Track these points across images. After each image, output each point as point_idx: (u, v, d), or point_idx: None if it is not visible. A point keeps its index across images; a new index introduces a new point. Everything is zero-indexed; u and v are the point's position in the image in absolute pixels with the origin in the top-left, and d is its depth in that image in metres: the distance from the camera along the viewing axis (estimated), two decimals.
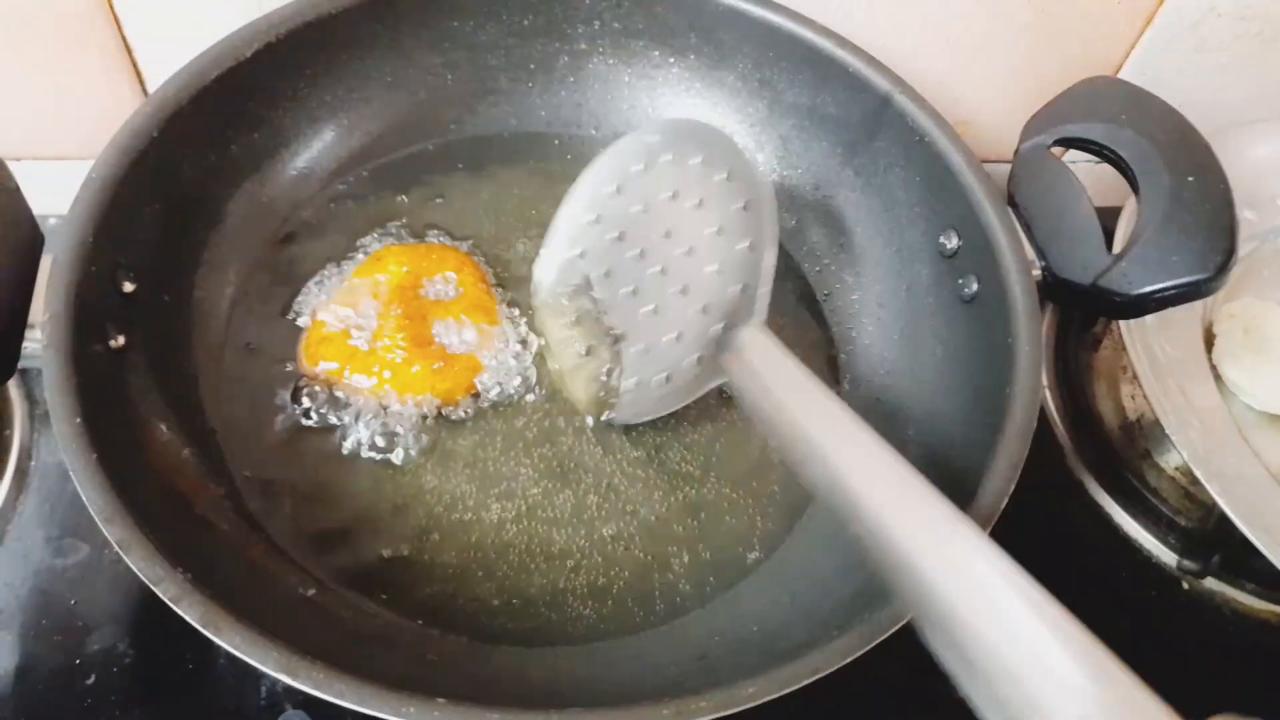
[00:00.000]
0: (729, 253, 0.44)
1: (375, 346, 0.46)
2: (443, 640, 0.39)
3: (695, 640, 0.41)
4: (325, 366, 0.46)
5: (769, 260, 0.43)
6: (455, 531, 0.44)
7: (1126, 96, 0.45)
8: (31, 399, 0.50)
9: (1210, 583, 0.52)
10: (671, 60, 0.54)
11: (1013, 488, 0.37)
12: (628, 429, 0.47)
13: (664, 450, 0.47)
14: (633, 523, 0.45)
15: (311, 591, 0.40)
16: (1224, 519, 0.51)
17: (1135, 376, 0.58)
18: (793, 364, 0.39)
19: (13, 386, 0.50)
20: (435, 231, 0.52)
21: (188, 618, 0.31)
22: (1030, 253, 0.44)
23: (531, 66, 0.54)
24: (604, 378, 0.45)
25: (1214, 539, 0.52)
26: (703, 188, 0.45)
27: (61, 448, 0.34)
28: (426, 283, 0.48)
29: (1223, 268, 0.40)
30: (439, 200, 0.53)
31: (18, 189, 0.39)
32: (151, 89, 0.55)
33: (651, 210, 0.46)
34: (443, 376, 0.46)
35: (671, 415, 0.48)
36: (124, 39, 0.53)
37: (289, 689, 0.43)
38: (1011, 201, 0.45)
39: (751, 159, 0.47)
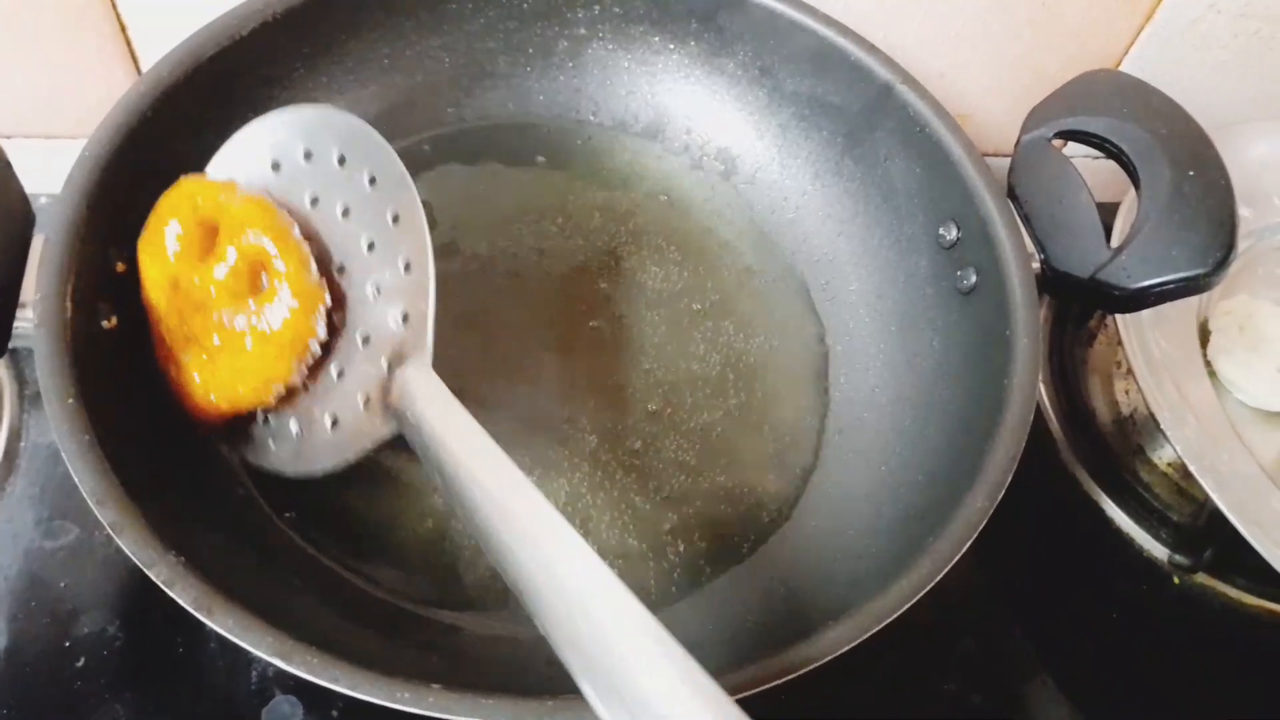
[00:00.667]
0: (384, 273, 0.37)
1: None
2: (439, 625, 0.39)
3: (690, 630, 0.40)
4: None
5: (428, 284, 0.36)
6: (449, 518, 0.43)
7: (1128, 90, 0.45)
8: (21, 379, 0.50)
9: (1202, 578, 0.53)
10: (671, 46, 0.53)
11: (1009, 478, 0.37)
12: (624, 413, 0.47)
13: (660, 439, 0.47)
14: (627, 512, 0.45)
15: (305, 574, 0.39)
16: (1216, 515, 0.51)
17: (1130, 372, 0.58)
18: (459, 413, 0.34)
19: (2, 367, 0.50)
20: None
21: (180, 601, 0.31)
22: (1030, 245, 0.44)
23: (530, 50, 0.53)
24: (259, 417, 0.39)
25: (1206, 535, 0.52)
26: (345, 193, 0.38)
27: (54, 428, 0.33)
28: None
29: (1222, 263, 0.40)
30: (434, 183, 0.52)
31: (8, 164, 0.38)
32: (145, 68, 0.54)
33: (299, 218, 0.39)
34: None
35: (666, 403, 0.48)
36: (118, 17, 0.52)
37: (280, 674, 0.43)
38: (1012, 194, 0.45)
39: (391, 157, 0.38)
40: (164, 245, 0.38)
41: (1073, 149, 0.48)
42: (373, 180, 0.37)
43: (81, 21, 0.52)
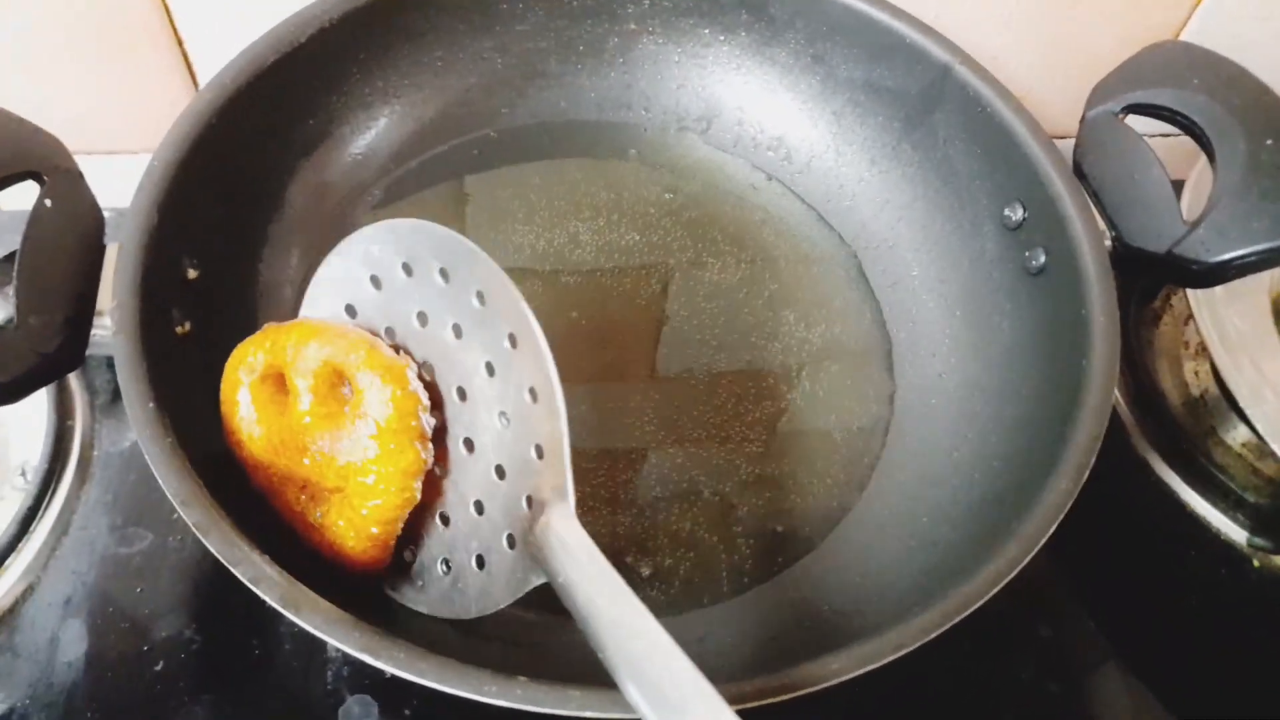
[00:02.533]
0: (508, 400, 0.34)
1: None
2: (513, 617, 0.39)
3: (764, 621, 0.40)
4: None
5: (559, 416, 0.32)
6: None
7: (1197, 60, 0.44)
8: (92, 390, 0.51)
9: None
10: (722, 38, 0.53)
11: (1094, 459, 0.37)
12: (689, 406, 0.47)
13: (725, 431, 0.47)
14: (696, 503, 0.45)
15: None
16: None
17: (1198, 353, 0.57)
18: (606, 576, 0.31)
19: (74, 378, 0.51)
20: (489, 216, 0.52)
21: (267, 599, 0.31)
22: (1100, 222, 0.43)
23: (581, 48, 0.53)
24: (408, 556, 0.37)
25: None
26: (454, 311, 0.34)
27: (136, 433, 0.34)
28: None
29: None
30: (489, 183, 0.53)
31: (79, 173, 0.39)
32: (202, 81, 0.55)
33: (406, 336, 0.36)
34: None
35: (730, 395, 0.48)
36: (175, 32, 0.53)
37: (354, 674, 0.43)
38: (1079, 171, 0.44)
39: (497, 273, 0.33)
40: (243, 417, 0.37)
41: (1135, 127, 0.47)
42: (481, 297, 0.33)
43: (139, 38, 0.53)
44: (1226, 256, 0.40)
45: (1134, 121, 0.45)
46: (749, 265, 0.52)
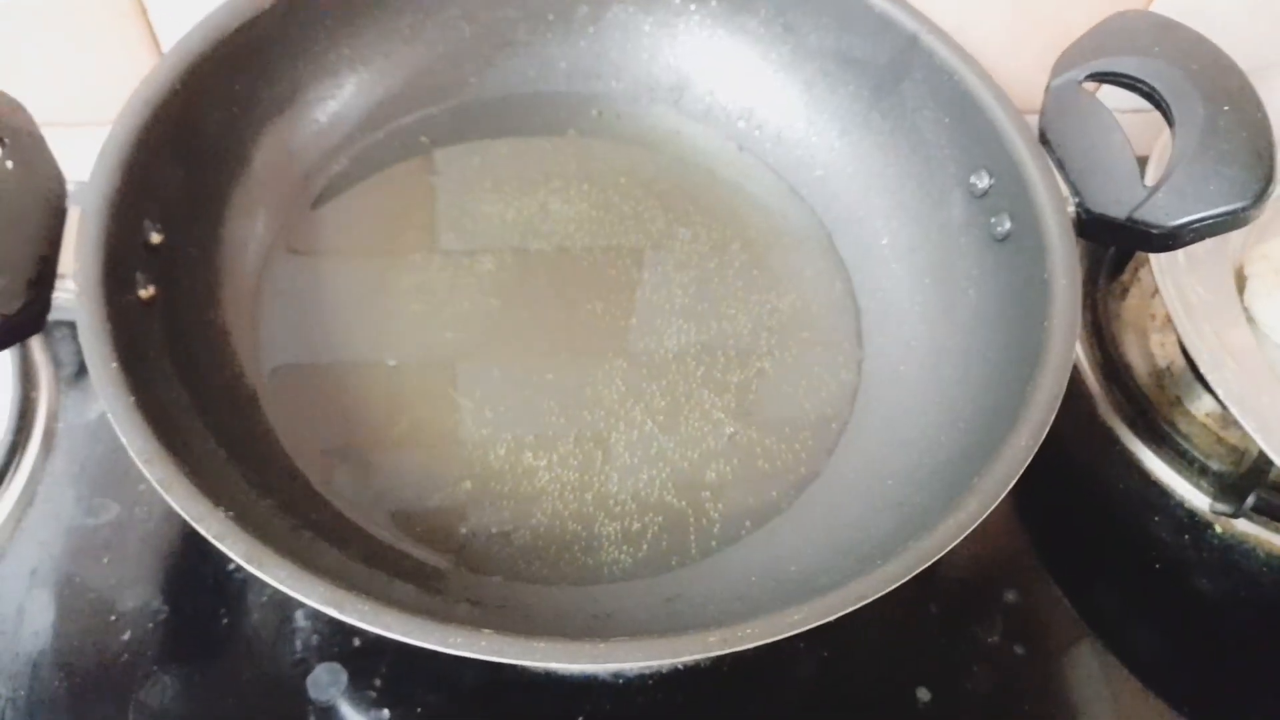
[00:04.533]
0: None
1: None
2: (479, 580, 0.39)
3: (732, 582, 0.41)
4: None
5: None
6: (489, 479, 0.44)
7: (1158, 28, 0.44)
8: (58, 361, 0.50)
9: (1243, 524, 0.52)
10: (693, 7, 0.53)
11: (1053, 416, 0.37)
12: (659, 374, 0.47)
13: (694, 396, 0.47)
14: (665, 469, 0.45)
15: (347, 538, 0.39)
16: (1257, 462, 0.51)
17: (1165, 324, 0.58)
18: None
19: (38, 349, 0.50)
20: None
21: (231, 554, 0.31)
22: (1064, 189, 0.43)
23: (550, 17, 0.53)
24: None
25: (1246, 482, 0.52)
26: None
27: (99, 392, 0.33)
28: None
29: (1261, 195, 0.40)
30: (459, 154, 0.53)
31: (40, 136, 0.39)
32: (165, 49, 0.54)
33: None
34: None
35: (699, 363, 0.48)
36: (140, 1, 0.52)
37: (323, 643, 0.43)
38: (1044, 139, 0.45)
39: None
40: None
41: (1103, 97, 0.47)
42: None
43: (103, 7, 0.52)
44: (1184, 220, 0.41)
45: (1103, 96, 0.46)
46: (720, 235, 0.52)
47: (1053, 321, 0.39)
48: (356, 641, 0.43)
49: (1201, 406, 0.55)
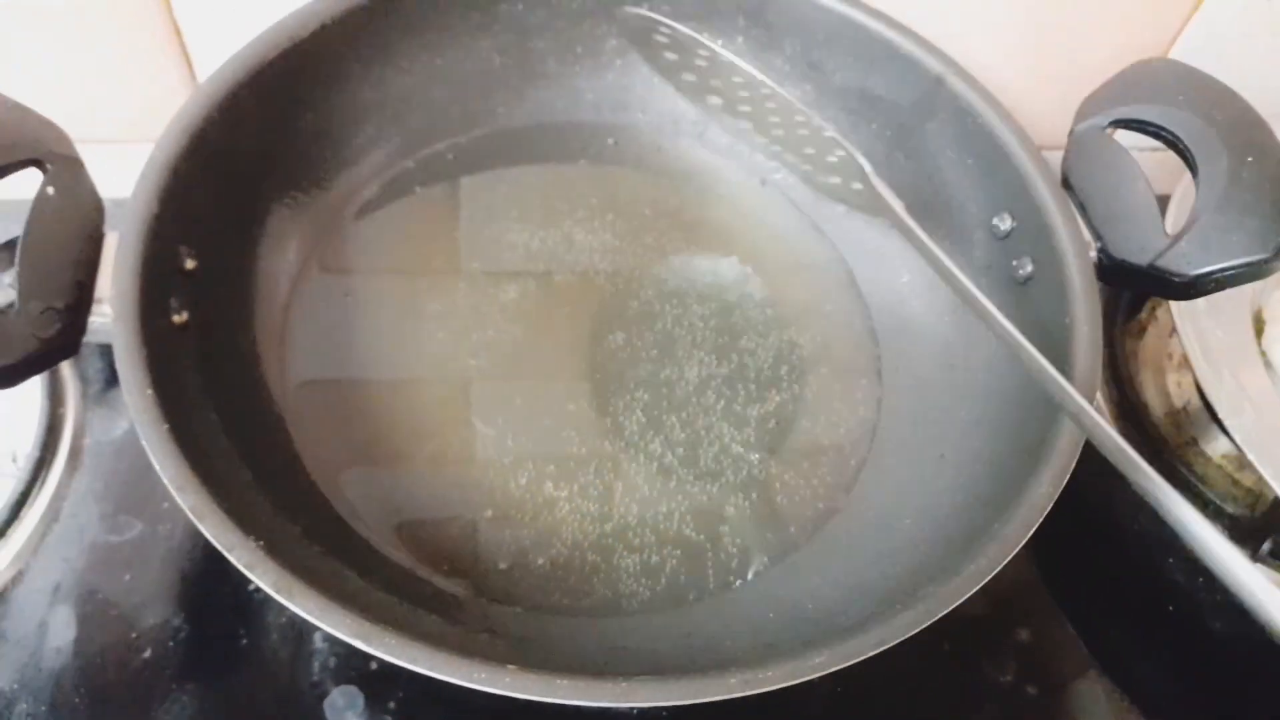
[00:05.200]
0: None
1: None
2: (498, 610, 0.40)
3: (749, 618, 0.41)
4: None
5: None
6: (509, 508, 0.44)
7: (1183, 78, 0.45)
8: (85, 378, 0.51)
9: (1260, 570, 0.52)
10: (719, 43, 0.53)
11: (1074, 463, 0.37)
12: (679, 407, 0.48)
13: (714, 429, 0.47)
14: (684, 502, 0.45)
15: (373, 567, 0.40)
16: (1273, 506, 0.51)
17: (1182, 364, 0.58)
18: None
19: (66, 366, 0.51)
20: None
21: (262, 584, 0.31)
22: (1086, 234, 0.44)
23: (579, 50, 0.54)
24: None
25: (1263, 526, 0.51)
26: None
27: (134, 418, 0.34)
28: None
29: None
30: (485, 183, 0.53)
31: (80, 161, 0.39)
32: (200, 72, 0.55)
33: None
34: None
35: (720, 397, 0.49)
36: (175, 22, 0.53)
37: (341, 665, 0.44)
38: (1067, 183, 0.45)
39: None
40: None
41: (1123, 141, 0.47)
42: None
43: (138, 26, 0.53)
44: (1206, 269, 0.41)
45: (1121, 135, 0.46)
46: (741, 269, 0.53)
47: (1074, 367, 0.39)
48: (373, 665, 0.44)
49: (1218, 448, 0.54)
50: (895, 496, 0.45)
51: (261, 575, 0.31)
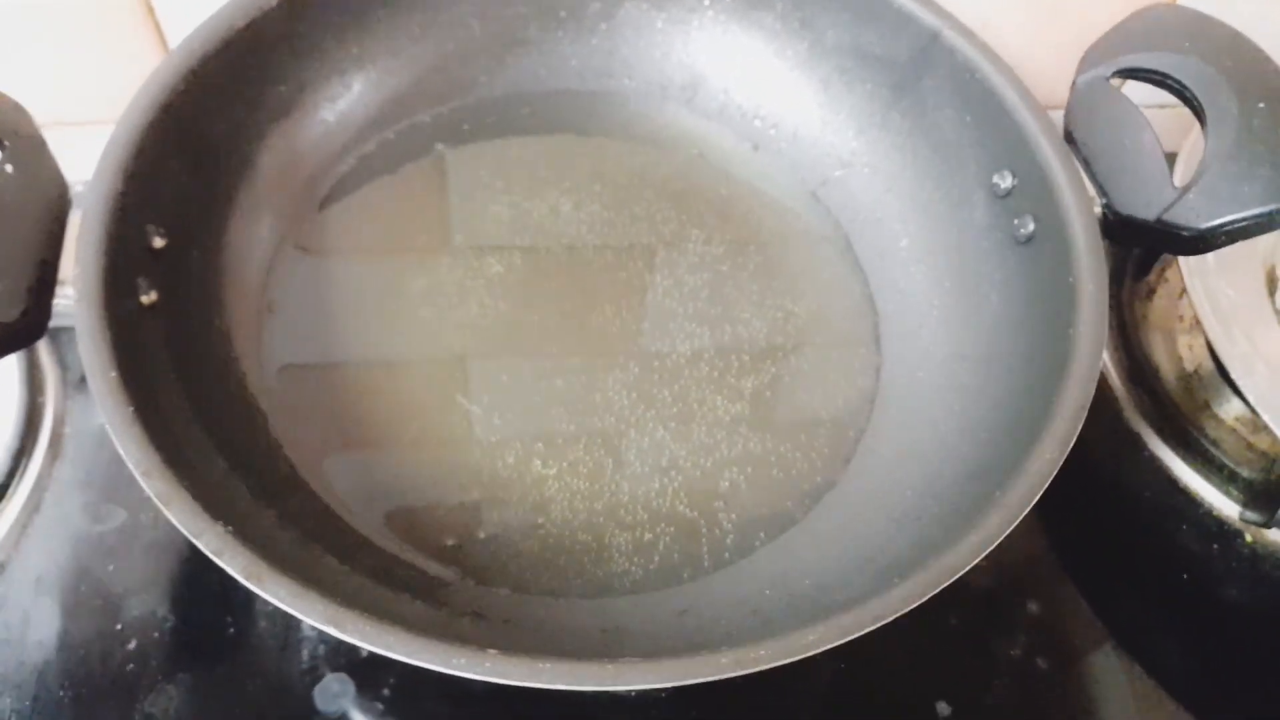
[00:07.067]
0: None
1: None
2: (486, 592, 0.39)
3: (745, 595, 0.40)
4: None
5: None
6: (496, 488, 0.43)
7: (1189, 23, 0.43)
8: (64, 365, 0.50)
9: (1274, 534, 0.51)
10: (707, 3, 0.52)
11: (1079, 428, 0.36)
12: (672, 381, 0.46)
13: (708, 402, 0.46)
14: (677, 478, 0.44)
15: (352, 550, 0.39)
16: None
17: (1193, 326, 0.56)
18: None
19: (45, 353, 0.50)
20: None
21: (230, 570, 0.30)
22: (1090, 189, 0.42)
23: (562, 14, 0.52)
24: None
25: (1277, 490, 0.50)
26: None
27: (97, 401, 0.33)
28: None
29: None
30: (470, 154, 0.52)
31: (41, 139, 0.38)
32: (173, 46, 0.54)
33: None
34: None
35: (713, 369, 0.47)
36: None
37: (331, 652, 0.43)
38: (1069, 137, 0.43)
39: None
40: None
41: (1128, 94, 0.46)
42: None
43: (108, 3, 0.51)
44: (1216, 222, 0.39)
45: (1129, 90, 0.45)
46: (734, 237, 0.51)
47: (1079, 329, 0.38)
48: (364, 652, 0.43)
49: (1231, 410, 0.53)
50: (895, 468, 0.44)
51: (230, 560, 0.30)
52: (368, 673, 0.42)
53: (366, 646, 0.29)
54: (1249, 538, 0.51)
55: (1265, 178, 0.39)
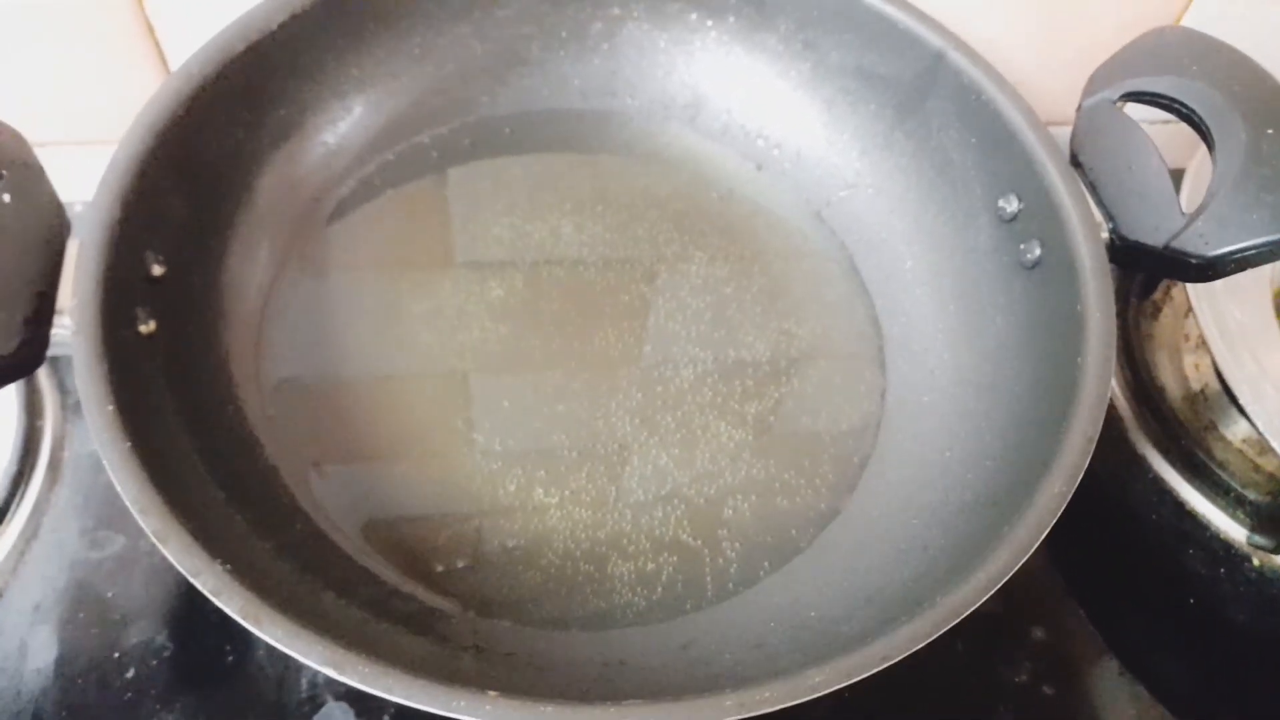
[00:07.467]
0: None
1: None
2: (487, 624, 0.38)
3: (749, 628, 0.39)
4: None
5: None
6: (498, 517, 0.42)
7: (1196, 46, 0.42)
8: (63, 389, 0.50)
9: None
10: (709, 23, 0.51)
11: (1088, 460, 0.36)
12: (674, 405, 0.46)
13: (711, 428, 0.46)
14: (680, 506, 0.44)
15: (353, 584, 0.38)
16: None
17: (1199, 346, 0.56)
18: None
19: (44, 377, 0.50)
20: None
21: (228, 610, 0.30)
22: (1097, 214, 0.42)
23: (564, 34, 0.52)
24: None
25: None
26: None
27: (94, 436, 0.33)
28: None
29: None
30: (470, 174, 0.51)
31: (40, 167, 0.38)
32: (174, 67, 0.53)
33: None
34: None
35: (716, 393, 0.47)
36: (146, 18, 0.52)
37: (331, 681, 0.42)
38: (1075, 161, 0.43)
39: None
40: None
41: (1134, 115, 0.45)
42: None
43: (108, 23, 0.51)
44: (1225, 250, 0.39)
45: (1132, 109, 0.44)
46: (737, 258, 0.51)
47: (1086, 359, 0.37)
48: None
49: (1238, 432, 0.53)
50: (901, 496, 0.43)
51: (228, 601, 0.30)
52: (368, 701, 0.42)
53: (366, 689, 0.29)
54: (1256, 561, 0.50)
55: (1273, 205, 0.38)
